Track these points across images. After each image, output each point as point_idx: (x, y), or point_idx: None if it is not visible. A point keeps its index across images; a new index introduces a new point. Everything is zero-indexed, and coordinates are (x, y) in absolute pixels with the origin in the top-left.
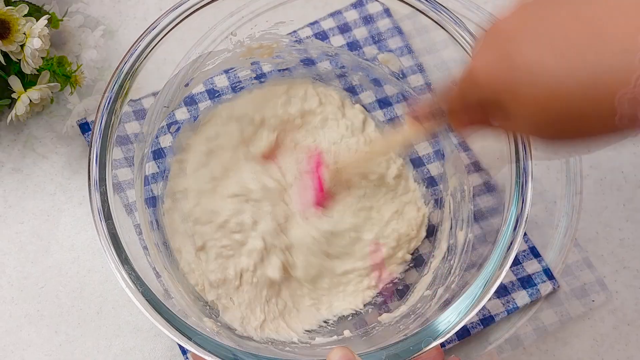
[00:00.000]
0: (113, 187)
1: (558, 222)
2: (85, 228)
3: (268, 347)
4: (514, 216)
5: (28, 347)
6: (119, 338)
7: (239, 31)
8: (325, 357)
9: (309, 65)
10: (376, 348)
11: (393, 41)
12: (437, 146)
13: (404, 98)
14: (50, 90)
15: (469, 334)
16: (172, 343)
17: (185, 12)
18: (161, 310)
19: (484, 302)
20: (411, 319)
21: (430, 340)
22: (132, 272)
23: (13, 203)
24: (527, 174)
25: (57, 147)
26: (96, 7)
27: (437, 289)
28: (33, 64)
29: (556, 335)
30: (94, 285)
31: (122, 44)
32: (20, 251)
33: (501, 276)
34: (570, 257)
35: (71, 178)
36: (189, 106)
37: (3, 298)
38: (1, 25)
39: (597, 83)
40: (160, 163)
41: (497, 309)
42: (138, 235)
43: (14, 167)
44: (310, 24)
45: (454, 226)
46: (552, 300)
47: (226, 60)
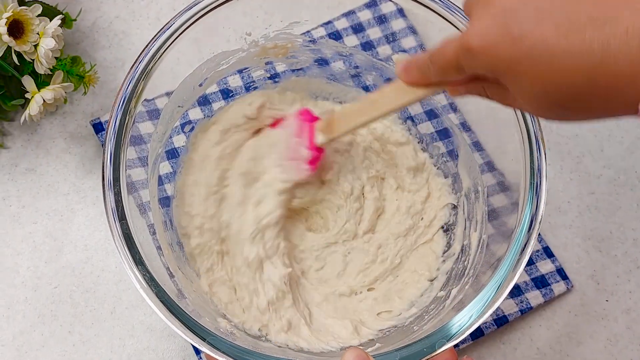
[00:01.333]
0: (127, 187)
1: (572, 222)
2: (98, 228)
3: (284, 349)
4: (529, 217)
5: (42, 347)
6: (132, 338)
7: (254, 31)
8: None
9: (322, 65)
10: (390, 349)
11: (407, 41)
12: (450, 146)
13: None
14: (63, 90)
15: (483, 334)
16: (185, 343)
17: (199, 12)
18: (175, 310)
19: (497, 303)
20: (425, 320)
21: (443, 342)
22: (146, 273)
23: (27, 203)
24: (541, 174)
25: (70, 147)
26: (109, 7)
27: (451, 290)
28: (46, 64)
29: (570, 335)
30: (108, 285)
31: (136, 44)
32: (34, 251)
33: (515, 277)
34: (583, 257)
35: (84, 178)
36: (202, 106)
37: (17, 298)
38: (15, 26)
39: (601, 67)
40: (173, 163)
41: (510, 309)
42: (152, 235)
43: (28, 167)
44: (324, 24)
45: (468, 227)
46: (566, 300)
47: (240, 60)
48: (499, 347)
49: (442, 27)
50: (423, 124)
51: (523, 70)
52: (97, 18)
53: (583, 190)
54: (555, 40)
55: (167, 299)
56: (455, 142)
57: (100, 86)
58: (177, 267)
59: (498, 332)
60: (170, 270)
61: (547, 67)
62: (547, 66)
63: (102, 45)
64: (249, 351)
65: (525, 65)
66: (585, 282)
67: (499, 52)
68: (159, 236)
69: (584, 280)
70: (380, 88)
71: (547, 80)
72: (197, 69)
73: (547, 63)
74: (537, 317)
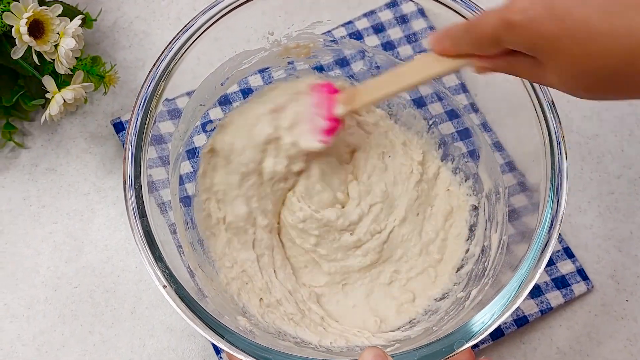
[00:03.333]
0: (147, 186)
1: (592, 222)
2: (119, 228)
3: (303, 348)
4: (549, 217)
5: (62, 347)
6: (152, 338)
7: (276, 30)
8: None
9: (343, 65)
10: (408, 349)
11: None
12: (471, 146)
13: (438, 98)
14: (84, 90)
15: (503, 334)
16: (205, 343)
17: (220, 12)
18: (194, 308)
19: (517, 303)
20: (444, 321)
21: (462, 342)
22: (165, 270)
23: (47, 203)
24: (562, 175)
25: (90, 147)
26: (130, 7)
27: (471, 291)
28: (67, 64)
29: (590, 335)
30: (128, 285)
31: (156, 44)
32: (54, 251)
33: (535, 277)
34: (603, 258)
35: (105, 178)
36: (223, 106)
37: (37, 298)
38: (35, 26)
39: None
40: (194, 162)
41: (531, 309)
42: (172, 234)
43: (48, 167)
44: (344, 24)
45: (489, 228)
46: (586, 300)
47: (262, 59)
48: (519, 347)
49: None
50: (444, 124)
51: (563, 48)
52: (117, 18)
53: (603, 190)
54: (597, 21)
55: (187, 296)
56: (476, 143)
57: (120, 86)
58: (198, 266)
59: (518, 332)
60: (190, 269)
61: (587, 47)
62: (587, 46)
63: (123, 45)
64: (267, 349)
65: (566, 43)
66: (606, 282)
67: (541, 29)
68: (179, 235)
69: (604, 281)
70: (407, 61)
71: (587, 60)
72: (219, 68)
73: (588, 43)
74: (558, 317)
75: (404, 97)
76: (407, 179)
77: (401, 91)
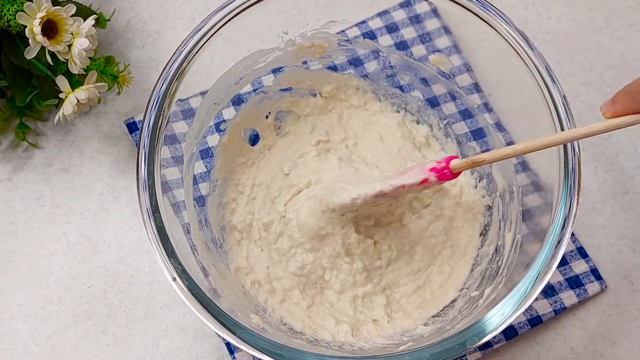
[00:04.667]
0: (161, 186)
1: (605, 222)
2: (132, 228)
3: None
4: (562, 217)
5: (76, 347)
6: (166, 338)
7: (290, 29)
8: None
9: (357, 65)
10: (421, 346)
11: (441, 41)
12: (485, 146)
13: (451, 97)
14: (97, 90)
15: (517, 334)
16: (219, 343)
17: (233, 11)
18: (207, 304)
19: (530, 301)
20: (457, 320)
21: (475, 339)
22: (178, 265)
23: (60, 203)
24: (575, 174)
25: (104, 147)
26: (143, 6)
27: (484, 290)
28: (80, 63)
29: (604, 335)
30: (142, 285)
31: (170, 44)
32: (68, 251)
33: (548, 275)
34: (617, 257)
35: (118, 178)
36: (236, 105)
37: (50, 298)
38: (49, 26)
39: None
40: (207, 162)
41: (544, 309)
42: (186, 234)
43: (62, 167)
44: (358, 23)
45: (502, 227)
46: (600, 300)
47: (277, 58)
48: (532, 347)
49: (477, 27)
50: (458, 124)
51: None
52: (131, 18)
53: (617, 190)
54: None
55: (198, 292)
56: (490, 142)
57: (134, 86)
58: (211, 264)
59: (532, 332)
60: (204, 268)
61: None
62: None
63: (136, 45)
64: (280, 345)
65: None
66: (619, 282)
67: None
68: (193, 235)
69: (617, 280)
70: None
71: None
72: (233, 67)
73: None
74: (571, 317)
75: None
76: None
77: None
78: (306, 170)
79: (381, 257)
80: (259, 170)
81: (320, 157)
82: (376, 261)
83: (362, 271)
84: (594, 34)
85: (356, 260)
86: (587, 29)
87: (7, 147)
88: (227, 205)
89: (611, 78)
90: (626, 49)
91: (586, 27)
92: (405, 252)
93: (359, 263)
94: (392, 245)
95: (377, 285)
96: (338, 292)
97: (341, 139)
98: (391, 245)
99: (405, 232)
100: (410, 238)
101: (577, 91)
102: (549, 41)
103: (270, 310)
